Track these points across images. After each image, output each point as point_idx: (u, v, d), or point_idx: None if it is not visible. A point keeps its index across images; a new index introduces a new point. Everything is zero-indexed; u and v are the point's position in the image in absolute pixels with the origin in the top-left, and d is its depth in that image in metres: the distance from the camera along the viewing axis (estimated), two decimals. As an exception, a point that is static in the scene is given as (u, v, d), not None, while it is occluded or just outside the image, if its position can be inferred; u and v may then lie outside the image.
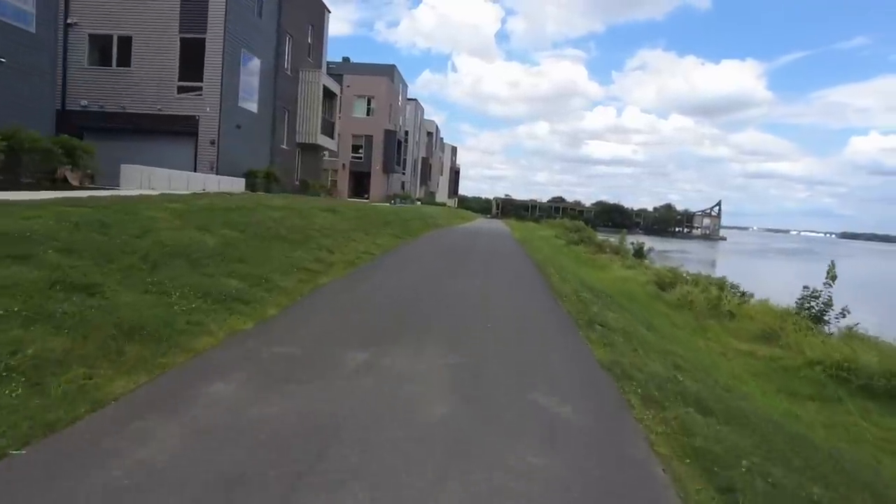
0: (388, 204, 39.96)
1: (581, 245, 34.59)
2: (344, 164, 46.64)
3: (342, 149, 45.70)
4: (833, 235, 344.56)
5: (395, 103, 51.93)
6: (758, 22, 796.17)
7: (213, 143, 20.64)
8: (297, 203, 15.73)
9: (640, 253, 39.11)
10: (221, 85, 20.54)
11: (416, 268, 11.78)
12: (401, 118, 56.08)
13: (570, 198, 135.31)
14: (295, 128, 28.00)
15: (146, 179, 14.01)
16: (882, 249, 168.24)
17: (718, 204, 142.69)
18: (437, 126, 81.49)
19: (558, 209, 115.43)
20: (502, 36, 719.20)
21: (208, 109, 20.57)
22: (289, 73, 26.77)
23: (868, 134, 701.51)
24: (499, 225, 50.40)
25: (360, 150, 47.46)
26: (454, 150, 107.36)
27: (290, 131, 27.43)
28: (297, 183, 28.05)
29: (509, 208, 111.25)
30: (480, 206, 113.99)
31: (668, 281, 18.84)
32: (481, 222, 53.14)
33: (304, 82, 28.11)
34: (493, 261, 15.47)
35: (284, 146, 26.86)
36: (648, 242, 45.13)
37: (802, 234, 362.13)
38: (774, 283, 35.15)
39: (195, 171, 20.26)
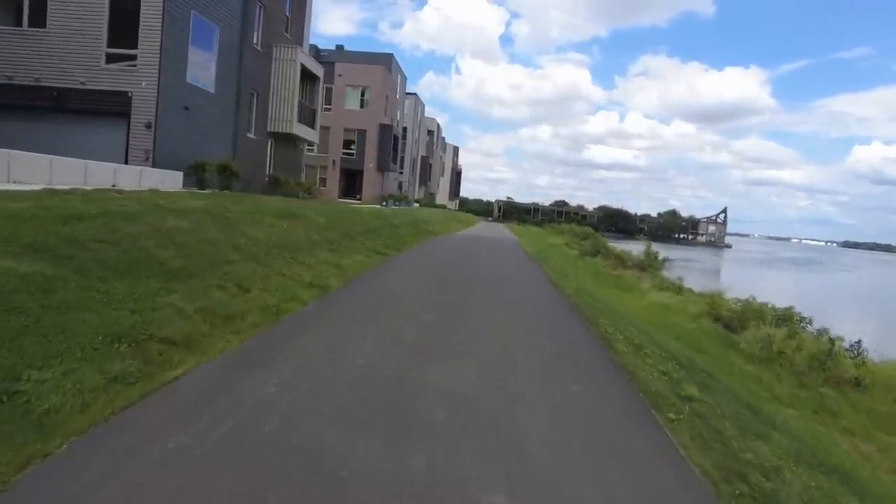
0: (379, 206, 35.61)
1: (598, 257, 30.21)
2: (334, 161, 42.23)
3: (332, 144, 41.32)
4: (834, 244, 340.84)
5: (391, 95, 47.51)
6: (761, 30, 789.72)
7: (149, 126, 16.28)
8: (235, 206, 11.35)
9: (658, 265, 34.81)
10: (161, 54, 16.18)
11: (381, 323, 6.89)
12: (398, 112, 51.69)
13: (571, 201, 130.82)
14: (267, 114, 23.65)
15: (3, 168, 9.63)
16: (887, 260, 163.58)
17: (724, 211, 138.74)
18: (438, 124, 77.02)
19: (561, 213, 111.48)
20: (506, 39, 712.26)
21: (144, 84, 16.23)
22: (259, 48, 22.40)
23: (871, 143, 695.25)
24: (503, 231, 45.91)
25: (353, 146, 42.99)
26: (456, 150, 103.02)
27: (259, 118, 23.06)
28: (267, 179, 23.70)
29: (511, 211, 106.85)
30: (481, 209, 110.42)
31: (728, 314, 14.48)
32: (483, 227, 48.62)
33: (279, 60, 23.74)
34: (507, 299, 10.31)
35: (252, 135, 22.49)
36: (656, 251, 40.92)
37: (804, 242, 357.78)
38: (812, 302, 30.70)
39: (126, 160, 16.00)
